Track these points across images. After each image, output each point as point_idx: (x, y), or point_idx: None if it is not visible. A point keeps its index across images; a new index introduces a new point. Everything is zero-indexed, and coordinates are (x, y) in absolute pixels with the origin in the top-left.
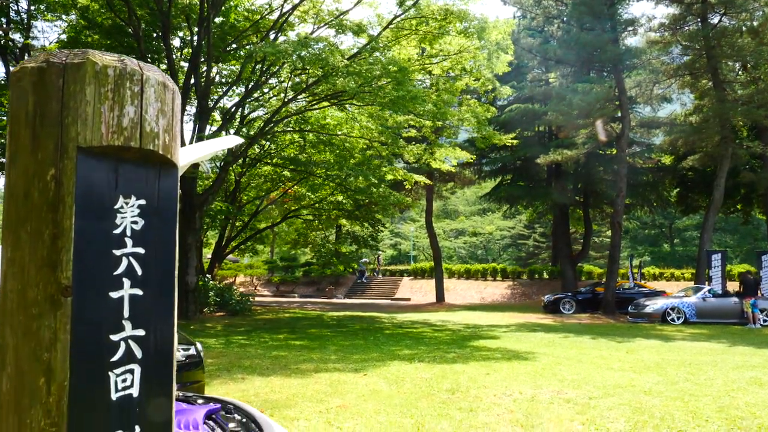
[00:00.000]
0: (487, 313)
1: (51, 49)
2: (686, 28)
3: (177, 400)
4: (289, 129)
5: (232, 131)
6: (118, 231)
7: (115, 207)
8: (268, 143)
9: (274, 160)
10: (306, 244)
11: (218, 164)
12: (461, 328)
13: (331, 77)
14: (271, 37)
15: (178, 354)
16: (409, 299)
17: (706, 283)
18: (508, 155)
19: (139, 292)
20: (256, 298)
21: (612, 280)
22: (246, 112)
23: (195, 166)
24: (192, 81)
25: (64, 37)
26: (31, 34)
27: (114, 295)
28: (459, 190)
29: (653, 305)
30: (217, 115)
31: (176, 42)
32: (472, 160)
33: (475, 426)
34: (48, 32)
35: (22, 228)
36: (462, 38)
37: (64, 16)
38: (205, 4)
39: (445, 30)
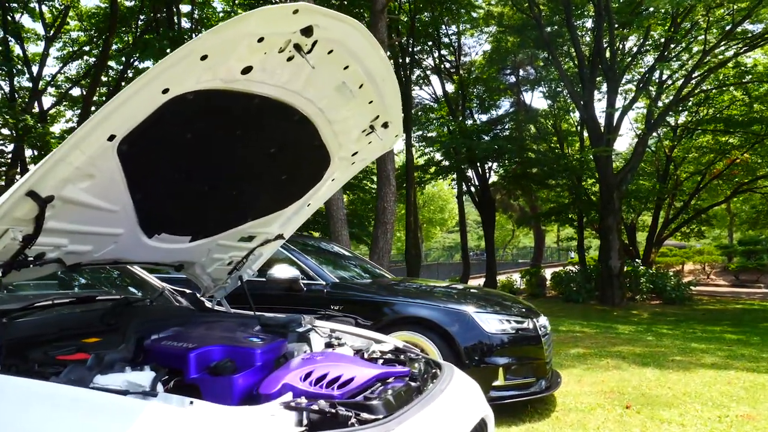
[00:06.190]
0: None
1: (480, 63)
2: None
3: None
4: (724, 86)
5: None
6: None
7: None
8: (702, 107)
9: (711, 127)
10: None
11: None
12: None
13: (757, 8)
14: None
15: (507, 326)
16: None
17: None
18: None
19: None
20: (707, 288)
21: None
22: (663, 77)
23: (606, 142)
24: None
25: (487, 47)
26: (462, 52)
27: None
28: None
29: None
30: (631, 86)
31: (588, 23)
32: None
33: None
34: (475, 46)
35: None
36: None
37: (485, 29)
38: None
39: None
